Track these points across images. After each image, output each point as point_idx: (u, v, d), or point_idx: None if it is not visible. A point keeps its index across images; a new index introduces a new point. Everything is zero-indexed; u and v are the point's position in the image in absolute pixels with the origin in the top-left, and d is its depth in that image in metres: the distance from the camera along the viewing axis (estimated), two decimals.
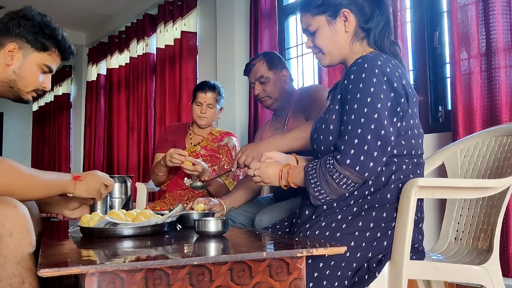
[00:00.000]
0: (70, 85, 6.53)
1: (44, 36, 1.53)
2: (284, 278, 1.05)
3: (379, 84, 1.25)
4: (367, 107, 1.24)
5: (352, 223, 1.29)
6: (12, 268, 1.10)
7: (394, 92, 1.27)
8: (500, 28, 1.97)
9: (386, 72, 1.27)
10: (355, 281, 1.27)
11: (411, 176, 1.33)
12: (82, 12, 5.28)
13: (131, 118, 4.83)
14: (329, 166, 1.26)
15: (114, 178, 1.75)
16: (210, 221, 1.29)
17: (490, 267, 1.32)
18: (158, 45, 4.37)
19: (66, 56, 1.62)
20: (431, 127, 2.36)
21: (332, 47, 1.42)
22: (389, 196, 1.31)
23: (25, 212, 1.17)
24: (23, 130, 8.28)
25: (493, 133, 1.58)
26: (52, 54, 1.57)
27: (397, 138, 1.30)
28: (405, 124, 1.32)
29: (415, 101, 1.36)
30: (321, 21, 1.41)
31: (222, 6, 3.61)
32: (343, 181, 1.25)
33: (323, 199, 1.30)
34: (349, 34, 1.41)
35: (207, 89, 2.45)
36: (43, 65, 1.56)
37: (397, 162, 1.32)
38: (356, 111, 1.26)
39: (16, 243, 1.12)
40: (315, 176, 1.29)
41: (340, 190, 1.27)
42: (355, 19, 1.40)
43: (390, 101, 1.26)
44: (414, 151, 1.35)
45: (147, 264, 0.91)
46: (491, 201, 1.46)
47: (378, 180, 1.30)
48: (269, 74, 2.14)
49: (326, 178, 1.26)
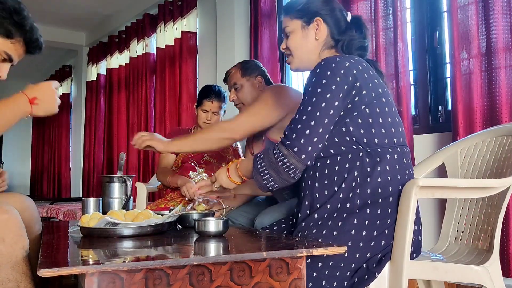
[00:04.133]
0: (70, 85, 6.53)
1: (11, 22, 1.42)
2: (284, 278, 1.05)
3: (332, 76, 1.29)
4: (316, 97, 1.30)
5: (347, 220, 1.29)
6: (7, 273, 1.10)
7: (348, 83, 1.29)
8: (500, 28, 1.97)
9: (341, 65, 1.31)
10: (354, 281, 1.27)
11: (397, 166, 1.33)
12: (82, 12, 5.29)
13: (131, 118, 4.84)
14: (274, 150, 1.33)
15: (114, 178, 1.76)
16: (210, 221, 1.29)
17: (490, 267, 1.32)
18: (158, 45, 4.37)
19: (31, 49, 1.51)
20: (431, 127, 2.36)
21: (300, 51, 1.50)
22: (380, 190, 1.30)
23: (17, 217, 1.16)
24: (23, 130, 8.29)
25: (493, 133, 1.58)
26: (15, 44, 1.46)
27: (375, 128, 1.32)
28: (379, 111, 1.33)
29: (386, 91, 1.38)
30: (296, 25, 1.50)
31: (222, 6, 3.61)
32: (284, 163, 1.29)
33: (270, 186, 1.35)
34: (319, 42, 1.48)
35: (213, 98, 2.51)
36: (2, 52, 1.44)
37: (381, 152, 1.32)
38: (306, 101, 1.32)
39: (9, 248, 1.11)
40: (262, 163, 1.35)
41: (284, 175, 1.31)
42: (327, 29, 1.47)
43: (343, 93, 1.29)
44: (396, 140, 1.36)
45: (147, 264, 0.91)
46: (491, 201, 1.46)
47: (363, 170, 1.30)
48: (242, 81, 2.18)
49: (270, 159, 1.32)
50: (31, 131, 7.81)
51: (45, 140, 7.09)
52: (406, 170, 1.36)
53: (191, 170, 2.35)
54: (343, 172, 1.31)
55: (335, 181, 1.32)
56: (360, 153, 1.31)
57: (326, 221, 1.31)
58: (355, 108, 1.31)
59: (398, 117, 1.40)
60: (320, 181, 1.35)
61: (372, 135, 1.31)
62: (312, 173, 1.37)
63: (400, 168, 1.34)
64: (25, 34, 1.47)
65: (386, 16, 2.42)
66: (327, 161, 1.35)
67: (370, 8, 2.50)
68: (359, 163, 1.30)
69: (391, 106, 1.38)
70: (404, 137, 1.40)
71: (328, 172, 1.34)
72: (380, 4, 2.43)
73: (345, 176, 1.31)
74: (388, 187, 1.31)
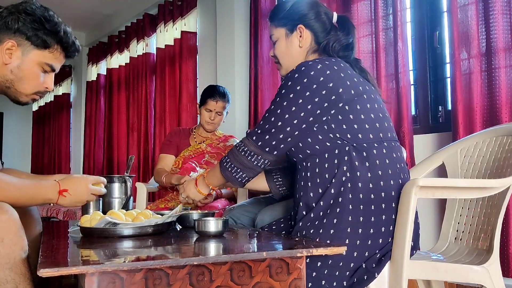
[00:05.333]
0: (70, 85, 6.53)
1: (45, 32, 1.39)
2: (284, 278, 1.05)
3: (302, 81, 1.32)
4: (287, 101, 1.34)
5: (342, 217, 1.29)
6: (5, 274, 1.10)
7: (319, 84, 1.31)
8: (500, 28, 1.97)
9: (313, 68, 1.33)
10: (354, 281, 1.27)
11: (387, 161, 1.33)
12: (82, 12, 5.29)
13: (131, 118, 4.83)
14: (238, 144, 1.43)
15: (114, 178, 1.76)
16: (210, 221, 1.29)
17: (490, 267, 1.32)
18: (158, 45, 4.37)
19: (70, 54, 1.49)
20: (431, 127, 2.36)
21: (285, 58, 1.52)
22: (371, 185, 1.30)
23: (16, 217, 1.15)
24: (23, 130, 8.28)
25: (493, 133, 1.58)
26: (54, 52, 1.44)
27: (357, 124, 1.33)
28: (360, 108, 1.34)
29: (369, 88, 1.40)
30: (281, 33, 1.51)
31: (222, 6, 3.61)
32: (245, 151, 1.40)
33: (239, 177, 1.44)
34: (303, 49, 1.49)
35: (218, 98, 2.54)
36: (44, 64, 1.43)
37: (367, 147, 1.32)
38: (277, 102, 1.36)
39: (8, 249, 1.11)
40: (228, 160, 1.46)
41: (248, 163, 1.41)
42: (311, 35, 1.48)
43: (314, 94, 1.31)
44: (383, 134, 1.36)
45: (147, 264, 0.91)
46: (491, 201, 1.46)
47: (352, 164, 1.30)
48: None
49: (234, 154, 1.43)
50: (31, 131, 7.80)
51: (45, 140, 7.08)
52: (397, 164, 1.37)
53: (192, 170, 2.35)
54: (333, 168, 1.32)
55: (327, 179, 1.33)
56: (346, 147, 1.32)
57: (322, 219, 1.31)
58: (332, 106, 1.32)
59: (383, 112, 1.41)
60: (312, 180, 1.35)
61: (355, 130, 1.32)
62: (304, 174, 1.38)
63: (390, 163, 1.34)
64: (61, 40, 1.44)
65: (386, 16, 2.42)
66: (316, 159, 1.36)
67: (370, 8, 2.50)
68: (347, 158, 1.31)
69: (375, 103, 1.39)
70: (392, 132, 1.41)
71: (319, 171, 1.35)
72: (380, 4, 2.43)
73: (335, 172, 1.31)
74: (379, 182, 1.31)
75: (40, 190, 1.32)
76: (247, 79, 3.40)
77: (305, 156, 1.38)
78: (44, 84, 1.47)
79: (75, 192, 1.37)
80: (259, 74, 3.23)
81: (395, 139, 1.42)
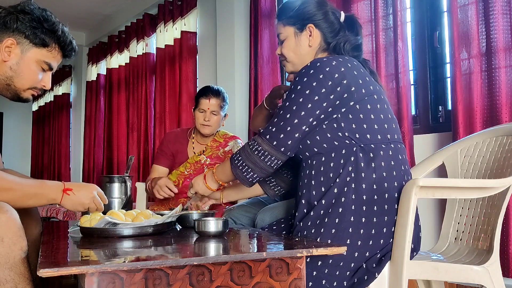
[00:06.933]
0: (70, 85, 6.53)
1: (43, 31, 1.43)
2: (284, 278, 1.05)
3: (317, 77, 1.31)
4: (302, 97, 1.32)
5: (343, 217, 1.28)
6: (4, 274, 1.10)
7: (334, 80, 1.31)
8: (500, 28, 1.97)
9: (328, 64, 1.32)
10: (354, 281, 1.27)
11: (392, 163, 1.33)
12: (82, 12, 5.28)
13: (131, 118, 4.83)
14: (250, 142, 1.40)
15: (114, 178, 1.76)
16: (210, 221, 1.29)
17: (490, 267, 1.32)
18: (158, 45, 4.37)
19: (68, 53, 1.53)
20: (431, 127, 2.36)
21: (295, 57, 1.51)
22: (375, 186, 1.30)
23: (16, 217, 1.15)
24: (23, 130, 8.28)
25: (493, 133, 1.57)
26: (52, 51, 1.47)
27: (366, 123, 1.33)
28: (370, 108, 1.34)
29: (378, 89, 1.40)
30: (289, 31, 1.50)
31: (222, 6, 3.61)
32: (259, 151, 1.36)
33: (250, 177, 1.41)
34: (313, 48, 1.48)
35: (210, 95, 2.32)
36: (42, 62, 1.46)
37: (374, 148, 1.32)
38: (292, 99, 1.34)
39: (7, 249, 1.11)
40: (239, 158, 1.42)
41: (260, 163, 1.37)
42: (321, 35, 1.47)
43: (329, 91, 1.31)
44: (390, 136, 1.36)
45: (147, 264, 0.91)
46: (491, 201, 1.46)
47: (357, 165, 1.30)
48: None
49: (246, 152, 1.39)
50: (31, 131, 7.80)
51: (45, 140, 7.08)
52: (402, 166, 1.37)
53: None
54: (338, 167, 1.32)
55: (331, 178, 1.33)
56: (353, 147, 1.32)
57: (323, 218, 1.31)
58: (343, 104, 1.32)
59: (391, 114, 1.41)
60: (316, 178, 1.35)
61: (363, 130, 1.32)
62: (308, 172, 1.38)
63: (395, 165, 1.34)
64: (59, 39, 1.48)
65: (386, 16, 2.42)
66: (322, 158, 1.35)
67: (370, 8, 2.50)
68: (353, 158, 1.31)
69: (384, 103, 1.39)
70: (398, 133, 1.41)
71: (324, 169, 1.34)
72: (380, 4, 2.43)
73: (340, 172, 1.31)
74: (383, 183, 1.31)
75: (44, 190, 1.33)
76: (247, 79, 3.40)
77: (312, 154, 1.37)
78: (41, 82, 1.51)
79: (79, 193, 1.38)
80: (259, 74, 3.23)
81: (400, 141, 1.42)
